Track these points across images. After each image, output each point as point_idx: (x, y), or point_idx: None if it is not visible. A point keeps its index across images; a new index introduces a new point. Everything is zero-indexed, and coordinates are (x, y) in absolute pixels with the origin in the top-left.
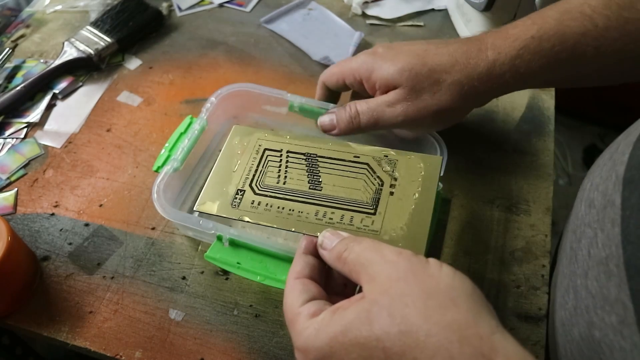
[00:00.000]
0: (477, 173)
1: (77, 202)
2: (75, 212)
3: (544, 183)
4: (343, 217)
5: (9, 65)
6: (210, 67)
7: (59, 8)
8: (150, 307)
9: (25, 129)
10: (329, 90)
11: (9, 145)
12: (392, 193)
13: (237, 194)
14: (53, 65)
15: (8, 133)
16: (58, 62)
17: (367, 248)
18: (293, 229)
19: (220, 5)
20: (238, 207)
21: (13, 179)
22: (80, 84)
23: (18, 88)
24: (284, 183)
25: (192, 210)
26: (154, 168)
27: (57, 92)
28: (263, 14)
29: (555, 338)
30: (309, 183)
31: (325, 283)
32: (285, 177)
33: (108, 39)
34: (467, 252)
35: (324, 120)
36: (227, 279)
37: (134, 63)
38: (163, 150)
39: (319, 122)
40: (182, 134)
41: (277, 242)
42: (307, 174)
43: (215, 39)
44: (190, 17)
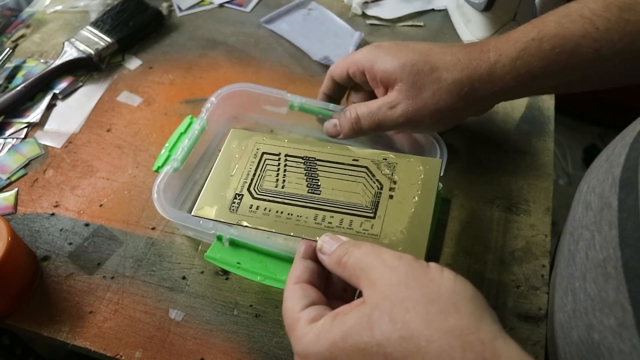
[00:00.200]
0: (477, 173)
1: (77, 202)
2: (76, 212)
3: (544, 183)
4: (342, 221)
5: (9, 66)
6: (210, 67)
7: (59, 8)
8: (150, 307)
9: (26, 129)
10: (335, 83)
11: (9, 145)
12: (391, 196)
13: (235, 199)
14: (53, 66)
15: (8, 133)
16: (58, 62)
17: (367, 252)
18: (292, 234)
19: (220, 5)
20: (236, 211)
21: (13, 179)
22: (81, 84)
23: (18, 88)
24: (283, 187)
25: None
26: (154, 168)
27: (57, 92)
28: (263, 14)
29: (555, 340)
30: (308, 187)
31: (325, 287)
32: (284, 181)
33: (108, 39)
34: (467, 252)
35: (329, 127)
36: (227, 279)
37: (134, 63)
38: (163, 150)
39: (325, 129)
40: (182, 134)
41: (277, 242)
42: (305, 178)
43: (215, 39)
44: (190, 17)
